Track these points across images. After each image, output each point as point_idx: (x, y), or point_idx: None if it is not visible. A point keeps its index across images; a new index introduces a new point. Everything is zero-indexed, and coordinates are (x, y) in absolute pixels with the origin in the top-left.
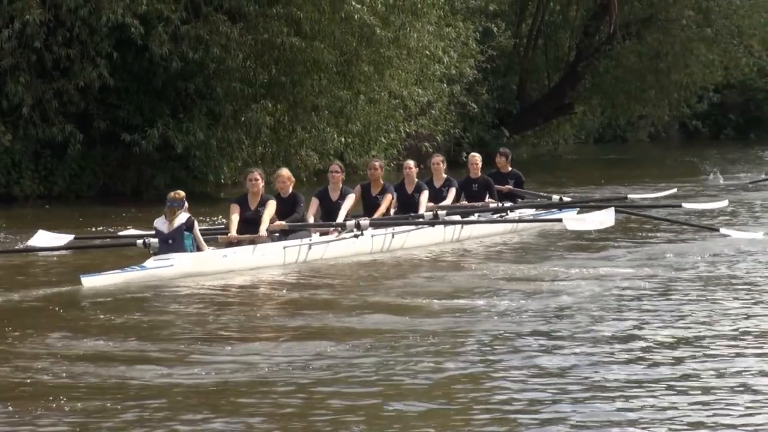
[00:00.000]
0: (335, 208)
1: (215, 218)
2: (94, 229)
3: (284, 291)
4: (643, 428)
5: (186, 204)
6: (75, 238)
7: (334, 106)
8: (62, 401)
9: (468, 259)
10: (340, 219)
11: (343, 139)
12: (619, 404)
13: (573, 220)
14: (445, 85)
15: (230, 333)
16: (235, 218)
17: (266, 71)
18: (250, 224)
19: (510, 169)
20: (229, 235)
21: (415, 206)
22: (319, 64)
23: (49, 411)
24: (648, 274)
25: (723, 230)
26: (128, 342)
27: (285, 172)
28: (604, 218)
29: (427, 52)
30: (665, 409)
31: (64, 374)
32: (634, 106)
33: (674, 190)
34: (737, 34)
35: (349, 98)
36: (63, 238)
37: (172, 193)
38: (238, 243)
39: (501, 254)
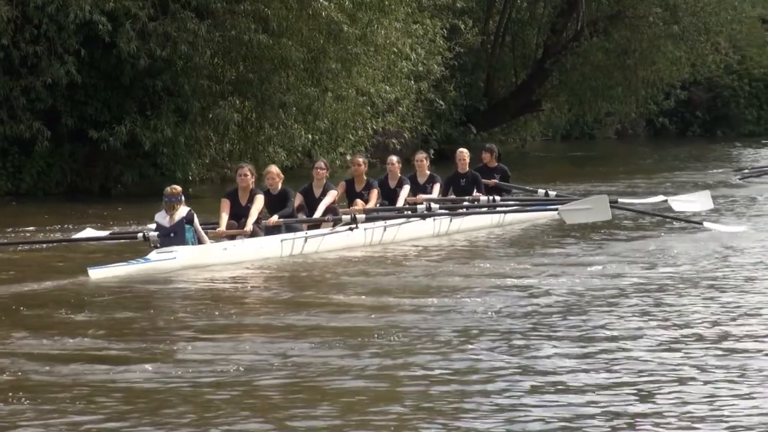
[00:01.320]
0: (317, 203)
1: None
2: (59, 227)
3: (277, 285)
4: (623, 426)
5: (183, 198)
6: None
7: (302, 103)
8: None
9: (454, 254)
10: (317, 214)
11: (310, 136)
12: (592, 400)
13: (569, 212)
14: (412, 82)
15: (216, 329)
16: (225, 213)
17: (234, 68)
18: (239, 219)
19: (496, 164)
20: (218, 230)
21: (397, 201)
22: (286, 61)
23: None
24: (631, 269)
25: (707, 224)
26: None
27: (274, 168)
28: (599, 208)
29: (395, 49)
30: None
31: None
32: (602, 103)
33: (661, 198)
34: (704, 31)
35: (317, 95)
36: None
37: (168, 189)
38: (227, 238)
39: (487, 248)
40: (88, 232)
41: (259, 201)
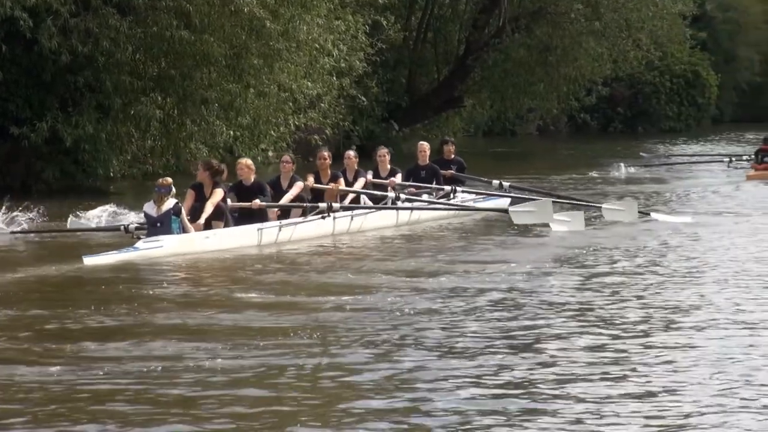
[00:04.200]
0: (284, 195)
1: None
2: None
3: (251, 274)
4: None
5: (173, 190)
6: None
7: (224, 100)
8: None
9: (408, 244)
10: (284, 199)
11: (232, 133)
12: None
13: (519, 214)
14: (334, 78)
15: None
16: (188, 203)
17: (156, 64)
18: (200, 211)
19: (453, 156)
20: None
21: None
22: (208, 57)
23: None
24: (578, 261)
25: (654, 215)
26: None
27: (243, 160)
28: (544, 211)
29: (317, 45)
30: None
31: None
32: (523, 100)
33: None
34: (625, 27)
35: (239, 91)
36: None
37: (160, 180)
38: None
39: (443, 238)
40: (74, 224)
41: (217, 195)
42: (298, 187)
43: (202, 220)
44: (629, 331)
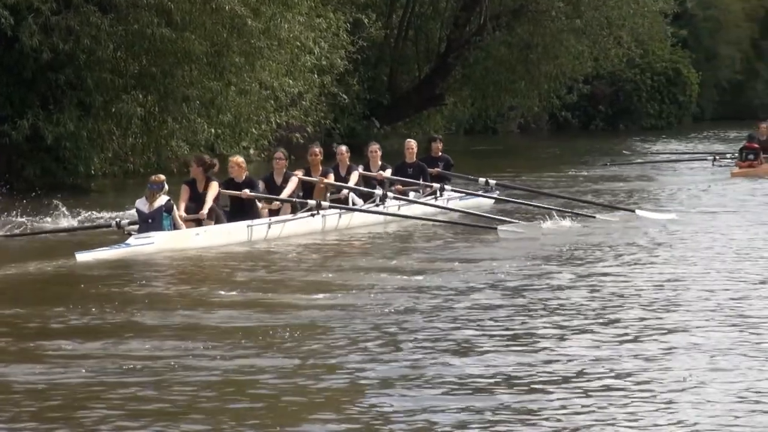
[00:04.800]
0: (279, 191)
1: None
2: None
3: (234, 271)
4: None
5: (166, 187)
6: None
7: (205, 97)
8: None
9: (396, 243)
10: (283, 195)
11: (213, 130)
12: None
13: (507, 233)
14: (315, 76)
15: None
16: (183, 198)
17: (137, 62)
18: (196, 204)
19: (440, 153)
20: (180, 213)
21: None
22: (189, 54)
23: None
24: (563, 259)
25: (638, 212)
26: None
27: (234, 158)
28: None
29: (298, 43)
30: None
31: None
32: (504, 97)
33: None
34: (606, 25)
35: (220, 89)
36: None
37: (153, 177)
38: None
39: (429, 236)
40: (61, 223)
41: (214, 188)
42: (293, 182)
43: (205, 210)
44: (617, 327)
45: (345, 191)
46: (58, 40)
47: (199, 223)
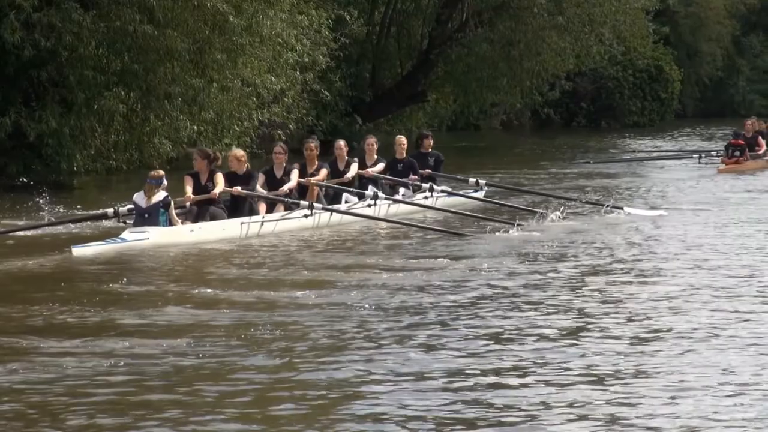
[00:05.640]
0: (279, 184)
1: (68, 207)
2: None
3: (230, 268)
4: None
5: (165, 182)
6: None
7: (187, 94)
8: None
9: (385, 240)
10: (285, 187)
11: (195, 127)
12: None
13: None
14: (297, 73)
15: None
16: (189, 186)
17: (119, 59)
18: (201, 193)
19: (430, 149)
20: (186, 196)
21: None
22: (171, 51)
23: None
24: (547, 256)
25: (627, 209)
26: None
27: (234, 152)
28: None
29: (280, 40)
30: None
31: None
32: (487, 94)
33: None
34: (588, 22)
35: (202, 86)
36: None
37: (152, 172)
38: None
39: (416, 235)
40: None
41: (220, 179)
42: (296, 174)
43: (217, 191)
44: (606, 323)
45: (348, 176)
46: (40, 37)
47: (199, 215)
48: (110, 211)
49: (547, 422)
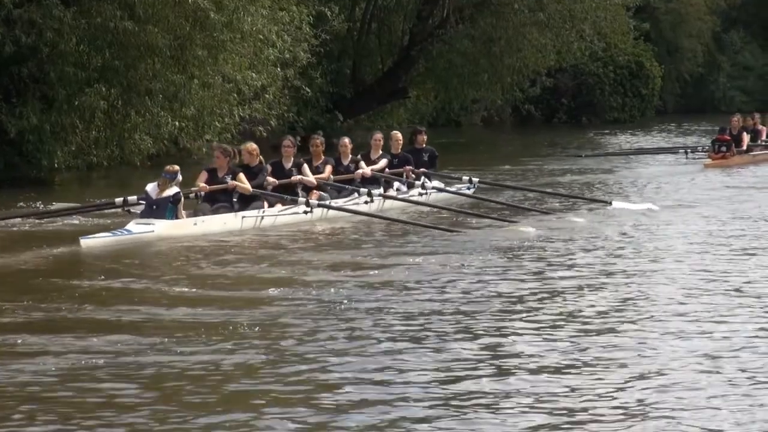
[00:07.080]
0: (288, 175)
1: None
2: None
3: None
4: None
5: (180, 178)
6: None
7: (168, 91)
8: None
9: (379, 237)
10: (307, 177)
11: (177, 123)
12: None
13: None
14: (278, 69)
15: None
16: (201, 178)
17: (100, 55)
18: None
19: (424, 145)
20: (200, 185)
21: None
22: (152, 48)
23: None
24: (536, 252)
25: (615, 203)
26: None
27: (247, 145)
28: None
29: (261, 36)
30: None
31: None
32: (468, 90)
33: None
34: (569, 18)
35: (183, 82)
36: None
37: (168, 167)
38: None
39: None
40: (62, 205)
41: (242, 176)
42: (306, 167)
43: (234, 184)
44: (592, 321)
45: (358, 172)
46: (20, 33)
47: (215, 199)
48: (119, 200)
49: (535, 413)
